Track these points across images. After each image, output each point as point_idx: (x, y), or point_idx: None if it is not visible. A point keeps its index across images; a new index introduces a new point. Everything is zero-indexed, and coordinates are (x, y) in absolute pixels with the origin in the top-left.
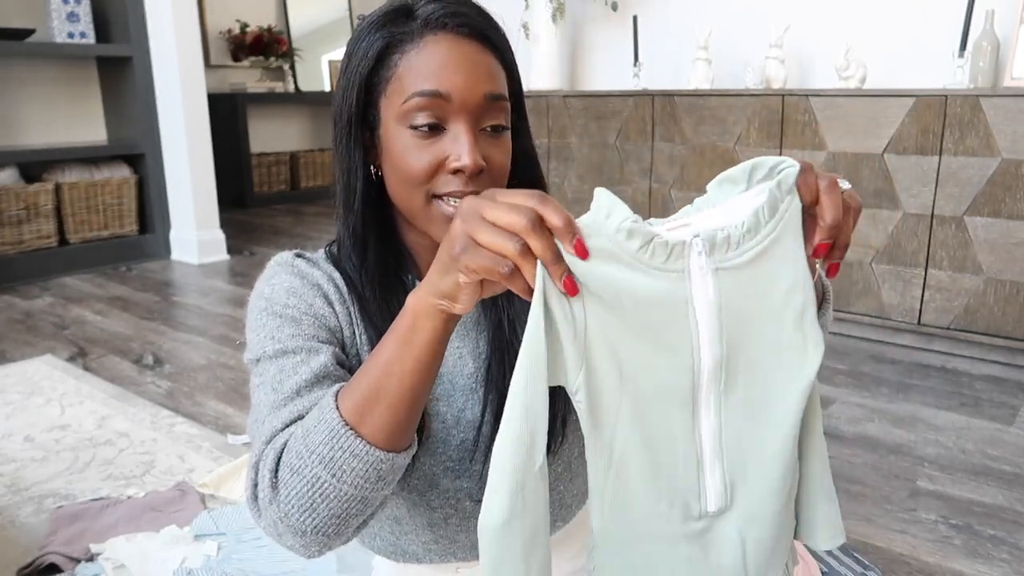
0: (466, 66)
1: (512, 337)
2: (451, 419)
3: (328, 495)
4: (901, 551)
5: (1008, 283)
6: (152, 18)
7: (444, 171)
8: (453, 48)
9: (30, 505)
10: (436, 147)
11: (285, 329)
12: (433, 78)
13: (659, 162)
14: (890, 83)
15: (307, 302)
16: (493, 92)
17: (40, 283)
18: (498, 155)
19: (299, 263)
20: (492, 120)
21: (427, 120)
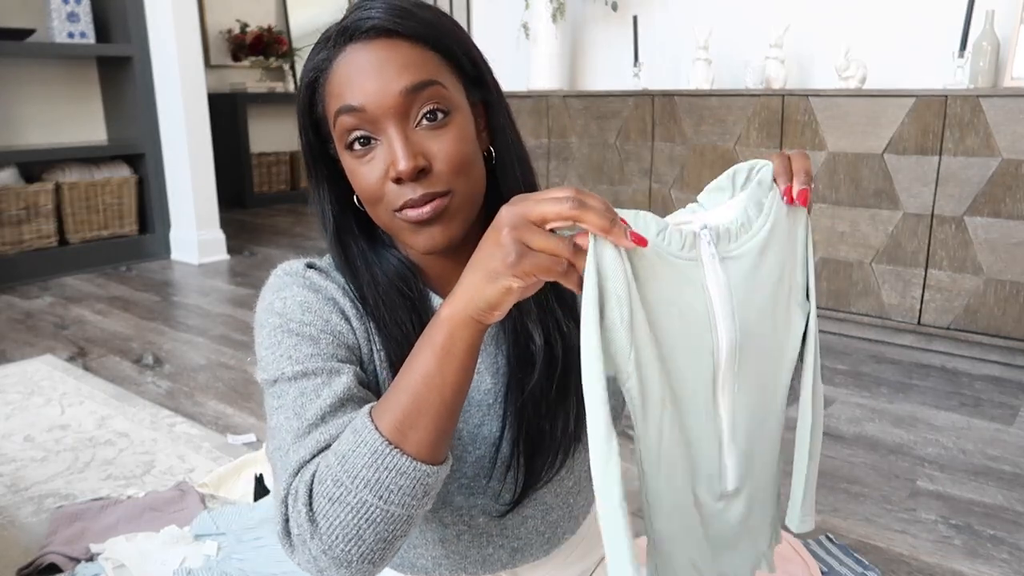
0: (372, 70)
1: (529, 341)
2: (467, 436)
3: (375, 519)
4: (901, 551)
5: (1008, 283)
6: (152, 18)
7: (389, 183)
8: (358, 57)
9: (30, 505)
10: (376, 162)
11: (303, 348)
12: (346, 94)
13: (659, 162)
14: (890, 83)
15: (323, 318)
16: (410, 84)
17: (40, 283)
18: (442, 145)
19: (312, 275)
20: (423, 110)
21: (356, 136)
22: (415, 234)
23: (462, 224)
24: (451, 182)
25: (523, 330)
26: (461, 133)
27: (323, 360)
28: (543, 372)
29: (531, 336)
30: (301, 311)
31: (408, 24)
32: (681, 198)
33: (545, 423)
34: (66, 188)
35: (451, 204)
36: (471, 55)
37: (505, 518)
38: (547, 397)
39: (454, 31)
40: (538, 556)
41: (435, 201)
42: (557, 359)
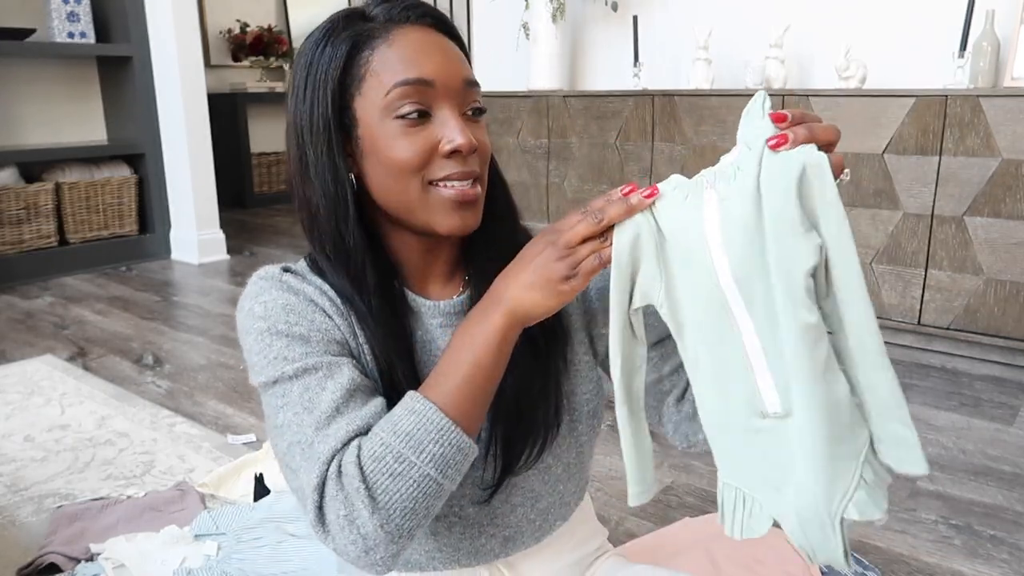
0: (442, 52)
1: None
2: None
3: (431, 492)
4: (901, 551)
5: (1008, 283)
6: (152, 18)
7: (437, 156)
8: (424, 37)
9: (30, 505)
10: (426, 133)
11: (296, 348)
12: (414, 66)
13: (659, 162)
14: (890, 83)
15: (307, 318)
16: (470, 78)
17: (40, 283)
18: (483, 136)
19: (288, 278)
20: (473, 104)
21: (414, 107)
22: (449, 212)
23: (481, 211)
24: (482, 171)
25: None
26: (486, 131)
27: (318, 356)
28: (523, 358)
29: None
30: (284, 313)
31: (450, 26)
32: None
33: (524, 408)
34: (66, 188)
35: (481, 193)
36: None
37: (495, 507)
38: (526, 383)
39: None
40: (530, 544)
41: (477, 184)
42: (538, 346)
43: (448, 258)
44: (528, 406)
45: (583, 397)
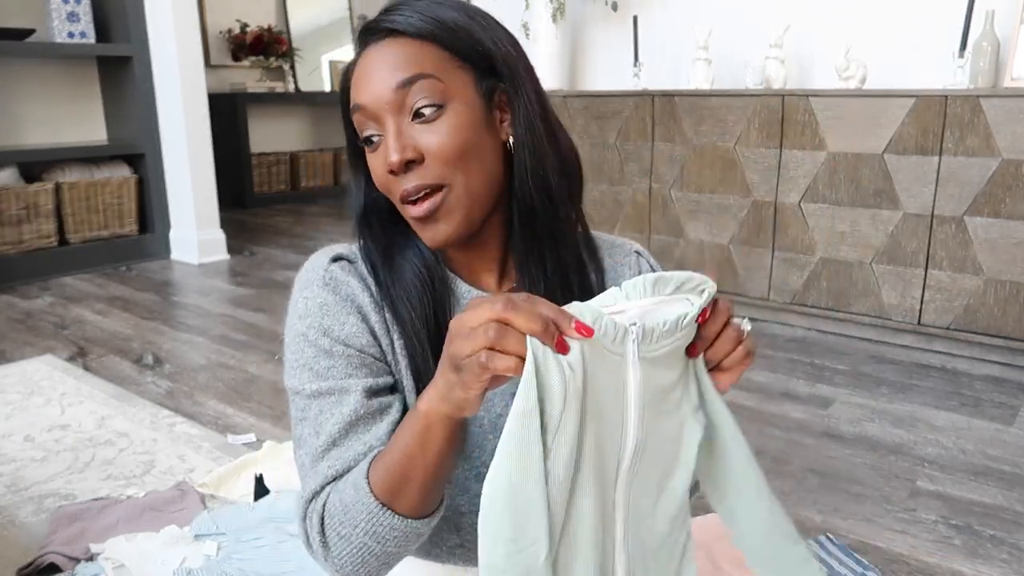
0: (371, 70)
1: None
2: (488, 424)
3: (377, 554)
4: (901, 551)
5: (1008, 283)
6: (152, 18)
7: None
8: (366, 58)
9: (30, 505)
10: (379, 155)
11: (321, 361)
12: (355, 94)
13: (659, 162)
14: (890, 83)
15: (340, 321)
16: (401, 79)
17: (40, 283)
18: (433, 137)
19: (334, 271)
20: (413, 106)
21: (366, 133)
22: (420, 229)
23: (465, 218)
24: (444, 175)
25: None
26: (456, 124)
27: (336, 379)
28: None
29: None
30: (321, 315)
31: (414, 22)
32: (681, 198)
33: None
34: (66, 188)
35: (448, 199)
36: (482, 46)
37: None
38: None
39: (464, 23)
40: None
41: (431, 198)
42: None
43: (492, 255)
44: None
45: None
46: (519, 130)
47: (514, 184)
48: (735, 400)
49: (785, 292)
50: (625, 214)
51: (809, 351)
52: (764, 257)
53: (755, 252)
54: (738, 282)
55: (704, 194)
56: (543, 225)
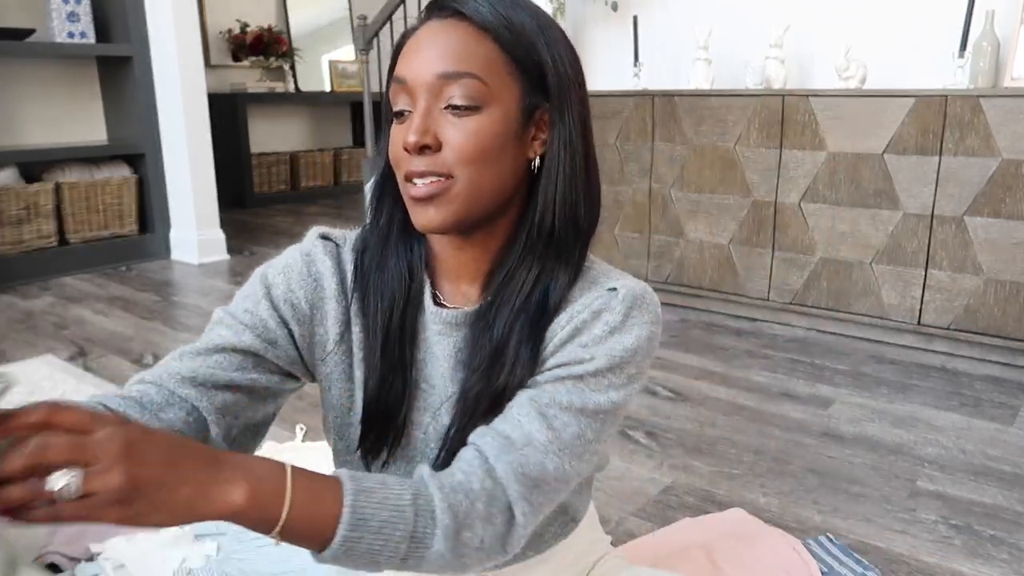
0: (423, 48)
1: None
2: (432, 432)
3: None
4: (901, 551)
5: (1008, 283)
6: (152, 18)
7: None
8: (423, 33)
9: None
10: (402, 130)
11: (247, 303)
12: (401, 65)
13: (659, 162)
14: (890, 83)
15: (287, 286)
16: (447, 71)
17: (40, 283)
18: (457, 135)
19: (317, 246)
20: (450, 98)
21: (398, 107)
22: (413, 209)
23: (458, 212)
24: (456, 169)
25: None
26: (485, 128)
27: (239, 318)
28: (481, 382)
29: (487, 344)
30: (279, 270)
31: (483, 11)
32: (681, 198)
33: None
34: (66, 188)
35: (451, 189)
36: (540, 60)
37: None
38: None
39: (532, 31)
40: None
41: (434, 183)
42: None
43: (483, 261)
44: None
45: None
46: (554, 153)
47: (536, 204)
48: (735, 400)
49: (785, 292)
50: (625, 214)
51: (809, 351)
52: (764, 257)
53: (755, 252)
54: (738, 282)
55: (704, 194)
56: (554, 254)
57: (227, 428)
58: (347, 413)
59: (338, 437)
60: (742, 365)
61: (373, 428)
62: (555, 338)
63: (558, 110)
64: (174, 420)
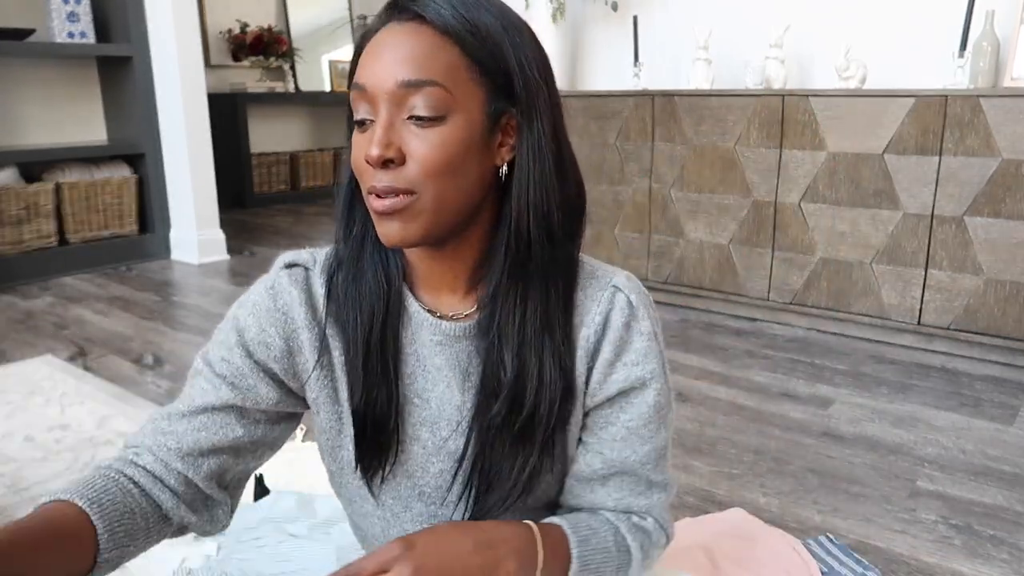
0: (383, 53)
1: (500, 368)
2: (432, 447)
3: None
4: (901, 551)
5: (1008, 283)
6: (152, 18)
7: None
8: (384, 37)
9: (30, 505)
10: (364, 139)
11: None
12: (360, 71)
13: (659, 162)
14: (890, 83)
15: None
16: (408, 79)
17: (40, 283)
18: (422, 145)
19: (282, 279)
20: (414, 108)
21: (359, 115)
22: (378, 222)
23: (425, 227)
24: (420, 183)
25: (497, 356)
26: (450, 138)
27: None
28: (506, 406)
29: (503, 364)
30: (249, 311)
31: (445, 15)
32: (681, 198)
33: (507, 461)
34: (66, 188)
35: (415, 204)
36: (506, 67)
37: None
38: (506, 433)
39: (497, 35)
40: None
41: (397, 197)
42: (524, 399)
43: (460, 271)
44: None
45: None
46: (524, 161)
47: (509, 213)
48: (735, 400)
49: (785, 292)
50: (625, 214)
51: (809, 351)
52: (764, 257)
53: (755, 252)
54: (738, 282)
55: (704, 194)
56: (538, 261)
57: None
58: (337, 435)
59: (331, 459)
60: (742, 365)
61: (366, 445)
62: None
63: (526, 115)
64: (176, 486)
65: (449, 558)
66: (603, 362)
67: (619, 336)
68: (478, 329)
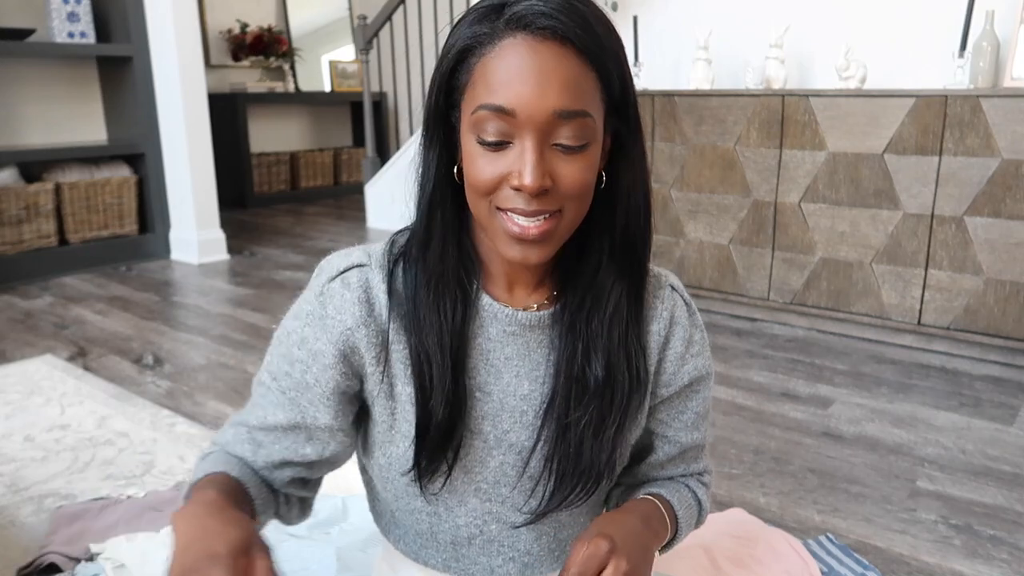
0: (536, 78)
1: (587, 368)
2: (493, 440)
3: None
4: (901, 551)
5: (1008, 283)
6: (152, 18)
7: (507, 185)
8: (526, 56)
9: (30, 505)
10: (501, 161)
11: (283, 365)
12: (501, 91)
13: (659, 162)
14: (890, 83)
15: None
16: (565, 109)
17: (40, 283)
18: (569, 173)
19: (334, 287)
20: (564, 138)
21: (493, 136)
22: (510, 244)
23: (557, 246)
24: (565, 204)
25: (584, 355)
26: (590, 163)
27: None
28: (597, 402)
29: (590, 363)
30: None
31: (583, 36)
32: (681, 198)
33: (586, 450)
34: (66, 188)
35: (558, 226)
36: (624, 83)
37: (519, 532)
38: (594, 426)
39: (618, 54)
40: (546, 572)
41: (546, 222)
42: (618, 394)
43: (535, 270)
44: (592, 451)
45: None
46: (626, 174)
47: (613, 223)
48: (735, 400)
49: (785, 292)
50: None
51: (809, 351)
52: (764, 257)
53: (755, 252)
54: (738, 282)
55: (704, 194)
56: (625, 267)
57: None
58: (388, 431)
59: (381, 453)
60: (742, 365)
61: (428, 444)
62: (668, 352)
63: (632, 134)
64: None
65: (635, 539)
66: (675, 355)
67: (686, 331)
68: (552, 319)
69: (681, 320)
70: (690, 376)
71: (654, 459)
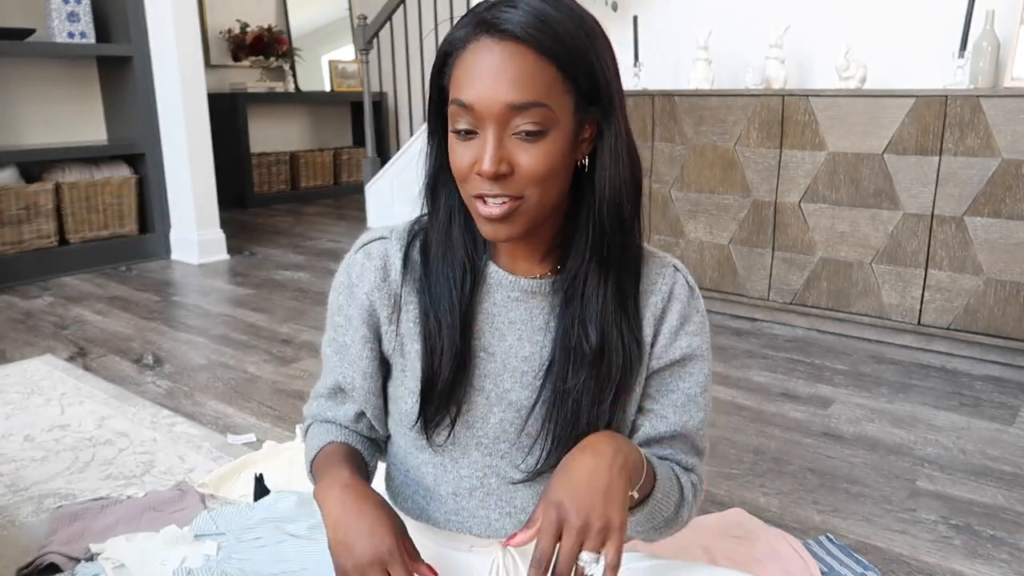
0: (488, 75)
1: (583, 337)
2: (494, 397)
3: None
4: (901, 551)
5: (1008, 283)
6: (152, 18)
7: (474, 172)
8: (484, 55)
9: (30, 505)
10: (471, 149)
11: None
12: (465, 88)
13: (659, 162)
14: (890, 83)
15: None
16: (515, 102)
17: (40, 283)
18: (529, 160)
19: (357, 256)
20: (522, 127)
21: (463, 127)
22: (482, 223)
23: (526, 225)
24: (526, 190)
25: (580, 324)
26: (552, 149)
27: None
28: (593, 371)
29: (586, 333)
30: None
31: (540, 36)
32: (681, 198)
33: (583, 416)
34: (66, 188)
35: (520, 207)
36: (592, 74)
37: (517, 488)
38: (592, 394)
39: (584, 47)
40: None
41: (507, 203)
42: (613, 365)
43: (537, 245)
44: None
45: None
46: (604, 158)
47: (592, 204)
48: (735, 400)
49: (785, 292)
50: None
51: (809, 351)
52: (764, 257)
53: (755, 252)
54: (738, 282)
55: (704, 194)
56: (614, 243)
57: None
58: (399, 387)
59: (394, 407)
60: (742, 365)
61: (434, 399)
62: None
63: (606, 117)
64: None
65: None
66: (669, 328)
67: (684, 307)
68: (553, 288)
69: (680, 296)
70: (682, 352)
71: (645, 434)
